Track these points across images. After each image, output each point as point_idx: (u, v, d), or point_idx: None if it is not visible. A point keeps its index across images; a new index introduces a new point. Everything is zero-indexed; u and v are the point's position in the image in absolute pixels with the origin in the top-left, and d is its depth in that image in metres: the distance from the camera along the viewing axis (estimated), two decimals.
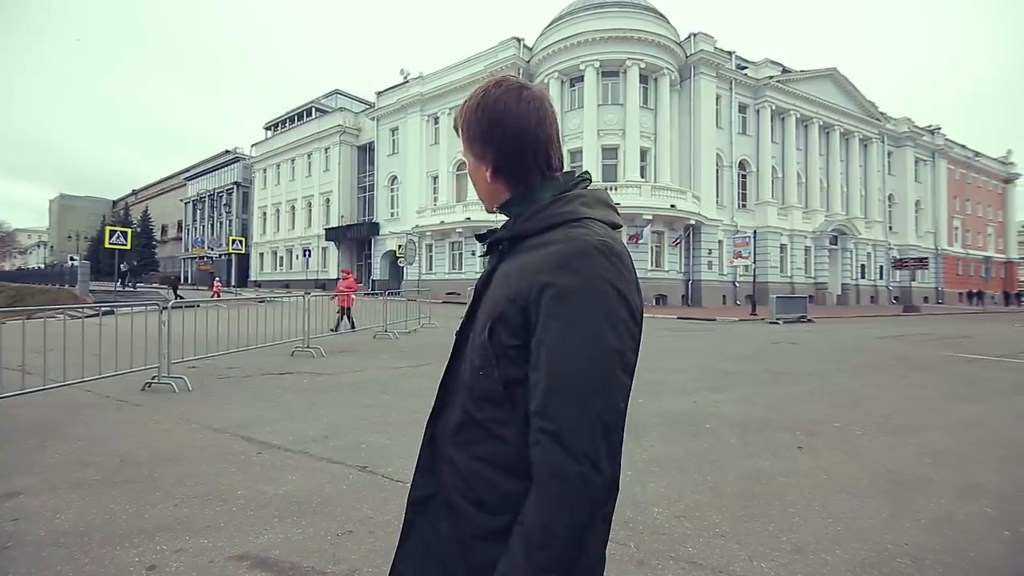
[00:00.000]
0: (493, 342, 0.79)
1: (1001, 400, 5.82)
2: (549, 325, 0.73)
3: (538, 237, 0.82)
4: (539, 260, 0.78)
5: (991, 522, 2.73)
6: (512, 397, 0.78)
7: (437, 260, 30.89)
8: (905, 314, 24.70)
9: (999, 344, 11.72)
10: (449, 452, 0.85)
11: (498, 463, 0.79)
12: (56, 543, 2.29)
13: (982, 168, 44.97)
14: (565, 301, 0.73)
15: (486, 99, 0.87)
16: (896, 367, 8.04)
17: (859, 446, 3.99)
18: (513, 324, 0.77)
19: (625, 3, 25.10)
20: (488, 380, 0.79)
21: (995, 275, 34.87)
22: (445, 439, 0.87)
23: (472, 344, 0.85)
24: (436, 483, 0.87)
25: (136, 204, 72.46)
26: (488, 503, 0.79)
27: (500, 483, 0.78)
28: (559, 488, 0.68)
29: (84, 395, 4.96)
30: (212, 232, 53.54)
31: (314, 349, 7.89)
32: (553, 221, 0.82)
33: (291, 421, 4.30)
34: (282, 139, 45.41)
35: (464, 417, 0.83)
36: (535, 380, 0.74)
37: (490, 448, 0.80)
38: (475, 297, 0.90)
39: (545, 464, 0.70)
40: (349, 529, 2.46)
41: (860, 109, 33.56)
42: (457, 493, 0.82)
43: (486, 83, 0.90)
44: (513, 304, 0.77)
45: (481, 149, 0.89)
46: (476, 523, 0.80)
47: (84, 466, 3.20)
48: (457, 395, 0.86)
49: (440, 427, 0.89)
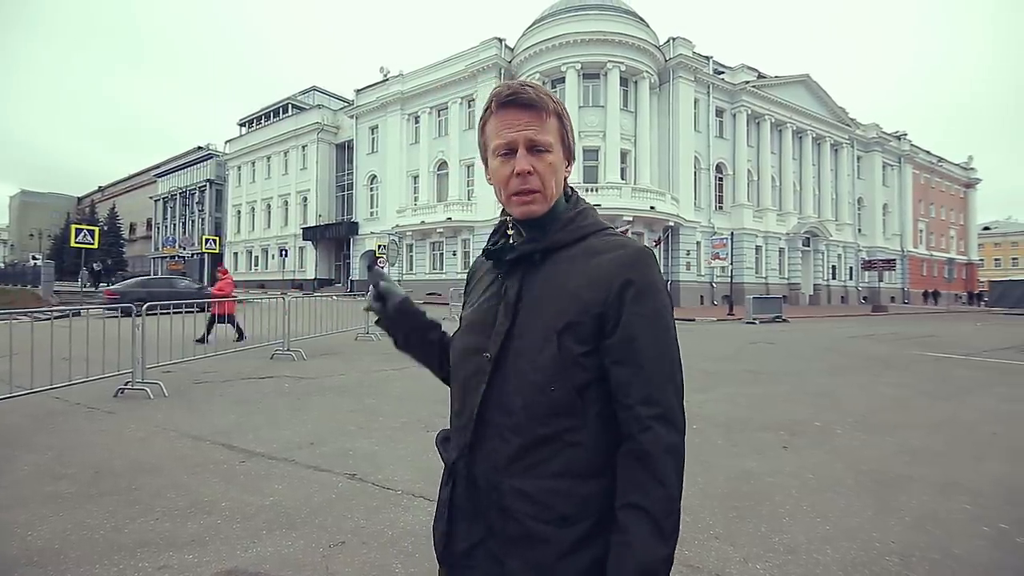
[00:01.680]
0: (563, 355, 0.78)
1: (970, 398, 6.05)
2: (635, 322, 0.79)
3: (574, 247, 0.84)
4: (607, 266, 0.81)
5: (971, 519, 2.82)
6: (584, 402, 0.79)
7: (418, 260, 30.64)
8: (874, 314, 25.53)
9: (963, 343, 12.20)
10: (509, 484, 0.80)
11: (576, 471, 0.79)
12: (30, 561, 2.17)
13: (945, 173, 46.82)
14: (645, 298, 0.80)
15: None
16: (869, 366, 8.29)
17: (840, 445, 4.09)
18: (584, 332, 0.79)
19: (606, 6, 25.32)
20: (560, 393, 0.79)
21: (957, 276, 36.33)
22: (496, 474, 0.81)
23: (527, 364, 0.80)
24: (483, 528, 0.82)
25: (103, 201, 69.80)
26: (570, 515, 0.78)
27: (578, 490, 0.79)
28: (673, 461, 0.77)
29: (53, 402, 4.74)
30: (184, 231, 51.99)
31: (295, 352, 7.72)
32: (587, 231, 0.86)
33: (274, 427, 4.18)
34: (258, 136, 44.38)
35: (523, 442, 0.79)
36: (626, 374, 0.79)
37: (566, 459, 0.79)
38: (510, 315, 0.83)
39: (659, 444, 0.77)
40: (341, 540, 2.40)
41: (831, 115, 34.57)
42: (532, 520, 0.78)
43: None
44: (586, 313, 0.79)
45: (570, 147, 0.89)
46: (561, 541, 0.78)
47: (56, 478, 3.05)
48: (501, 424, 0.81)
49: (482, 464, 0.82)
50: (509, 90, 0.84)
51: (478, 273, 1.00)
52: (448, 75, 29.25)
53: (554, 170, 0.84)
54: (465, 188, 29.19)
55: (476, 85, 28.05)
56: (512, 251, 0.86)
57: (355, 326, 10.62)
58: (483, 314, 0.88)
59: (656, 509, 0.75)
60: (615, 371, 0.79)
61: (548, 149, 0.83)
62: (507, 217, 0.93)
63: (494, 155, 0.86)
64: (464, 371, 0.88)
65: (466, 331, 0.91)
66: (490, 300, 0.88)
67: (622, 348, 0.79)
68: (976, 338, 13.60)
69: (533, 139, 0.82)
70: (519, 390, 0.80)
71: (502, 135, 0.84)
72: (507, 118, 0.84)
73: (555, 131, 0.85)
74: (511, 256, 0.86)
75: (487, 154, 0.89)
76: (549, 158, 0.84)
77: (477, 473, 0.83)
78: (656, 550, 0.74)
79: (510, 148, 0.83)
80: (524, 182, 0.83)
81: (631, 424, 0.78)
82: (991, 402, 5.80)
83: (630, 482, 0.77)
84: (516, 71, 27.08)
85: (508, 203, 0.87)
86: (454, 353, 0.94)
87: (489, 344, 0.83)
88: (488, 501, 0.81)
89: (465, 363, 0.88)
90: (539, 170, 0.83)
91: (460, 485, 0.85)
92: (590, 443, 0.80)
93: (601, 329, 0.79)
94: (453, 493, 0.86)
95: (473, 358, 0.86)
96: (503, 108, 0.84)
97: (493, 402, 0.82)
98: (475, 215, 27.76)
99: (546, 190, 0.84)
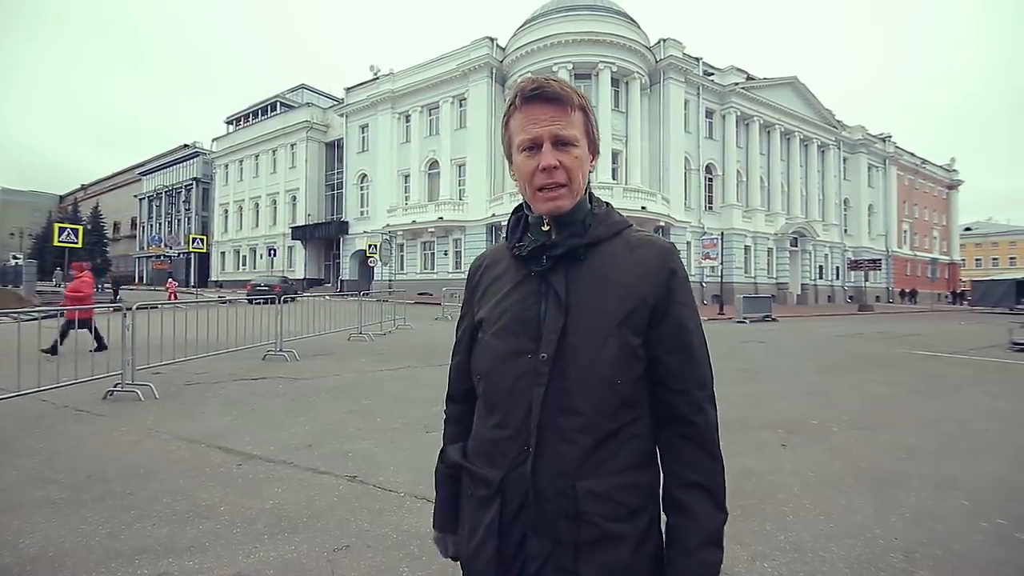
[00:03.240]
0: (625, 347, 0.79)
1: (958, 395, 6.15)
2: (680, 310, 0.84)
3: (609, 242, 0.86)
4: (652, 258, 0.84)
5: (969, 515, 2.85)
6: (643, 391, 0.83)
7: (409, 260, 30.47)
8: (860, 313, 25.92)
9: (948, 341, 12.42)
10: (581, 487, 0.77)
11: (637, 462, 0.82)
12: (23, 570, 2.10)
13: (928, 175, 47.68)
14: (685, 288, 0.85)
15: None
16: (859, 365, 8.40)
17: (837, 443, 4.13)
18: (639, 323, 0.81)
19: (597, 6, 25.40)
20: (626, 385, 0.80)
21: (940, 276, 37.03)
22: (565, 479, 0.78)
23: (589, 360, 0.78)
24: (549, 540, 0.78)
25: (85, 200, 68.56)
26: (637, 507, 0.80)
27: (640, 480, 0.81)
28: (717, 436, 0.84)
29: (40, 405, 4.61)
30: (170, 230, 51.21)
31: (287, 353, 7.62)
32: (621, 226, 0.89)
33: (271, 429, 4.12)
34: (245, 134, 43.82)
35: (592, 441, 0.78)
36: (677, 360, 0.83)
37: (630, 451, 0.81)
38: (563, 312, 0.80)
39: (711, 423, 0.84)
40: (345, 544, 2.36)
41: (818, 116, 35.03)
42: (607, 520, 0.77)
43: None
44: (643, 304, 0.81)
45: (594, 140, 0.89)
46: (634, 535, 0.79)
47: (47, 483, 2.96)
48: (565, 425, 0.78)
49: (548, 471, 0.78)
50: (533, 84, 0.83)
51: (491, 271, 0.95)
52: (439, 74, 29.11)
53: (580, 164, 0.84)
54: (456, 188, 29.09)
55: (467, 84, 27.96)
56: (555, 247, 0.83)
57: (348, 326, 10.52)
58: (521, 313, 0.84)
59: (713, 484, 0.81)
60: (666, 358, 0.82)
61: (574, 143, 0.82)
62: (525, 213, 0.91)
63: (518, 150, 0.85)
64: (505, 376, 0.83)
65: (502, 333, 0.85)
66: (528, 298, 0.84)
67: (673, 336, 0.83)
68: (961, 337, 13.85)
69: (558, 134, 0.81)
70: (584, 388, 0.78)
71: (527, 130, 0.82)
72: (532, 113, 0.82)
73: (580, 125, 0.84)
74: (556, 252, 0.83)
75: (511, 150, 0.87)
76: (575, 152, 0.83)
77: (541, 482, 0.78)
78: (718, 519, 0.80)
79: (535, 143, 0.82)
80: (550, 177, 0.82)
81: (684, 407, 0.82)
82: (980, 399, 5.90)
83: (686, 463, 0.82)
84: (508, 71, 27.05)
85: (533, 199, 0.85)
86: (486, 359, 0.88)
87: (542, 344, 0.80)
88: (556, 510, 0.78)
89: (507, 367, 0.83)
90: (565, 164, 0.82)
91: (514, 500, 0.80)
92: (648, 432, 0.84)
93: (651, 319, 0.82)
94: (503, 510, 0.81)
95: (518, 360, 0.82)
96: (527, 103, 0.83)
97: (552, 404, 0.79)
98: (466, 215, 27.67)
99: (572, 184, 0.83)
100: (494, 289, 0.91)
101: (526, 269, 0.87)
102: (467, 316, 0.99)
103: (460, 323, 1.02)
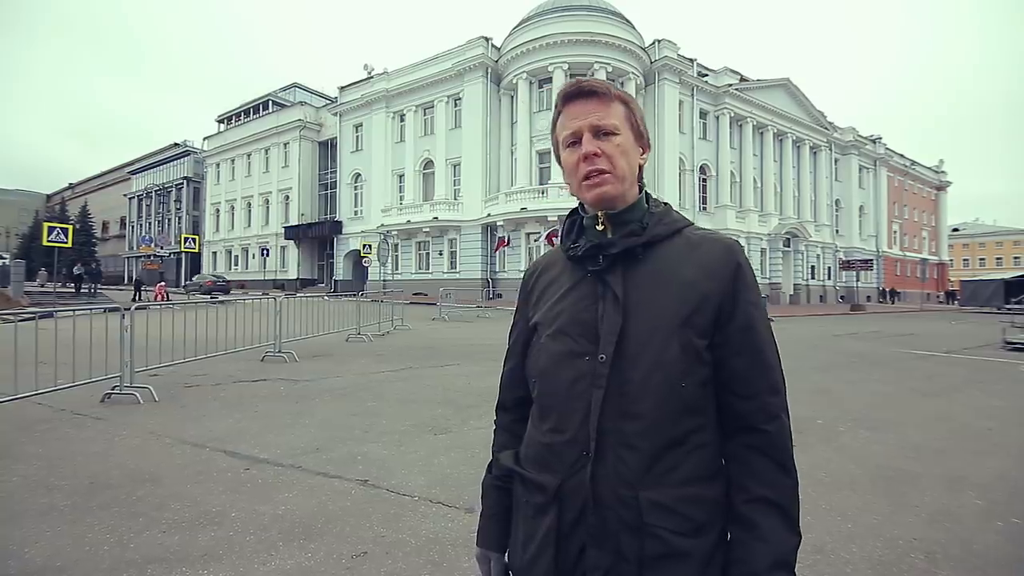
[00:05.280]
0: (688, 348, 0.76)
1: (958, 394, 6.20)
2: (749, 310, 0.80)
3: (669, 241, 0.83)
4: (716, 256, 0.81)
5: (983, 513, 2.86)
6: (708, 397, 0.79)
7: (403, 260, 30.34)
8: (853, 312, 26.15)
9: (942, 341, 12.56)
10: (645, 497, 0.73)
11: (702, 474, 0.77)
12: None
13: (917, 176, 48.29)
14: (752, 287, 0.82)
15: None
16: (858, 364, 8.46)
17: (846, 443, 4.14)
18: (703, 323, 0.77)
19: (593, 7, 25.43)
20: (690, 389, 0.76)
21: (930, 276, 37.44)
22: (628, 488, 0.74)
23: (650, 362, 0.75)
24: (610, 553, 0.74)
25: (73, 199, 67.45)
26: (704, 523, 0.75)
27: (707, 493, 0.77)
28: (791, 448, 0.79)
29: (36, 409, 4.50)
30: (160, 229, 50.59)
31: (286, 354, 7.53)
32: (680, 224, 0.86)
33: (276, 433, 4.04)
34: (237, 132, 43.42)
35: (654, 447, 0.74)
36: (746, 364, 0.78)
37: (696, 461, 0.76)
38: (621, 312, 0.77)
39: (785, 433, 0.79)
40: (363, 550, 2.31)
41: (810, 118, 35.34)
42: (673, 535, 0.73)
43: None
44: (707, 303, 0.78)
45: (641, 132, 0.86)
46: (701, 552, 0.74)
47: (50, 490, 2.88)
48: (626, 430, 0.75)
49: (609, 479, 0.75)
50: (572, 84, 0.85)
51: (545, 275, 0.92)
52: (434, 73, 29.02)
53: (623, 151, 0.82)
54: (451, 187, 29.01)
55: (462, 84, 27.89)
56: (612, 246, 0.81)
57: (345, 327, 10.42)
58: (578, 314, 0.81)
59: (785, 500, 0.76)
60: (734, 361, 0.78)
61: (614, 132, 0.82)
62: (580, 216, 0.89)
63: (564, 147, 0.86)
64: (561, 378, 0.80)
65: (558, 335, 0.83)
66: (584, 299, 0.82)
67: (742, 337, 0.79)
68: (954, 336, 14.01)
69: (597, 124, 0.81)
70: (645, 391, 0.75)
71: (568, 126, 0.84)
72: (573, 110, 0.84)
73: (621, 115, 0.83)
74: (615, 251, 0.81)
75: (559, 151, 0.88)
76: (616, 140, 0.82)
77: (602, 490, 0.75)
78: (790, 540, 0.75)
79: (576, 137, 0.82)
80: (591, 164, 0.81)
81: (755, 415, 0.78)
82: (979, 398, 5.96)
83: (754, 475, 0.77)
84: (503, 70, 27.03)
85: (580, 190, 0.84)
86: (542, 360, 0.85)
87: (600, 345, 0.77)
88: (618, 520, 0.74)
89: (563, 369, 0.80)
90: (606, 151, 0.81)
91: (573, 508, 0.76)
92: (714, 442, 0.79)
93: (717, 319, 0.78)
94: (561, 518, 0.77)
95: (574, 362, 0.79)
96: (568, 102, 0.85)
97: (612, 407, 0.76)
98: (461, 215, 27.60)
99: (616, 170, 0.81)
100: (550, 292, 0.89)
101: (582, 270, 0.84)
102: (521, 321, 0.96)
103: (513, 329, 0.99)
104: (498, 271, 27.01)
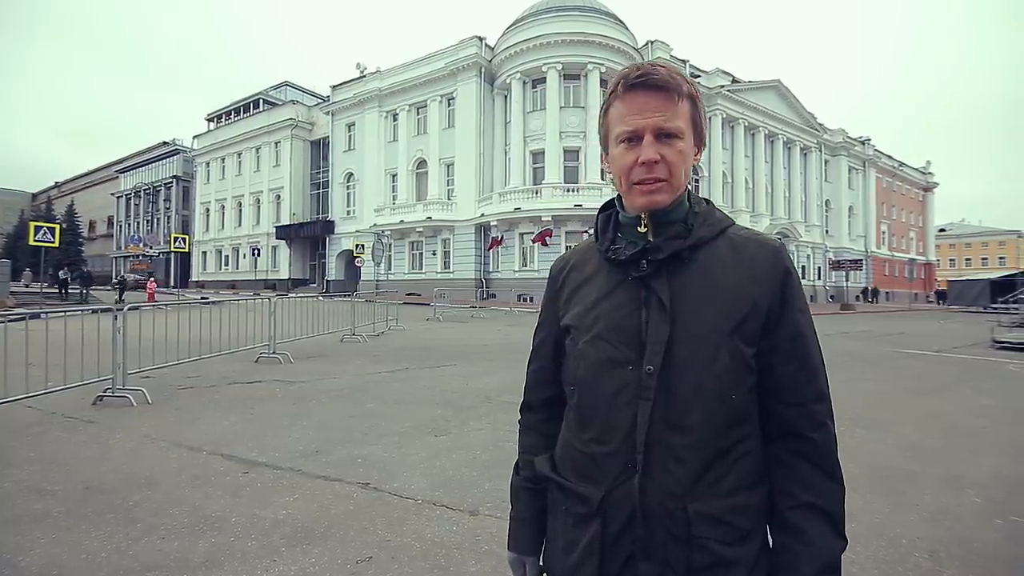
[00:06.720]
0: (737, 357, 0.74)
1: (950, 393, 6.28)
2: (797, 317, 0.78)
3: (713, 243, 0.80)
4: (764, 259, 0.78)
5: (982, 512, 2.89)
6: (754, 404, 0.78)
7: (397, 260, 30.20)
8: (843, 312, 26.43)
9: (932, 340, 12.72)
10: (693, 509, 0.72)
11: (750, 482, 0.76)
12: None
13: (905, 177, 48.93)
14: (799, 292, 0.80)
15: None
16: (851, 364, 8.53)
17: (843, 442, 4.03)
18: (751, 330, 0.76)
19: (586, 8, 25.49)
20: (739, 399, 0.75)
21: (918, 276, 37.95)
22: (676, 500, 0.72)
23: (699, 372, 0.73)
24: (657, 565, 0.73)
25: (60, 197, 66.51)
26: (750, 530, 0.75)
27: (752, 501, 0.76)
28: (837, 455, 0.79)
29: (26, 412, 4.41)
30: (149, 229, 49.98)
31: (281, 355, 7.45)
32: (723, 225, 0.82)
33: (273, 435, 3.99)
34: (228, 131, 42.99)
35: (704, 459, 0.73)
36: (793, 371, 0.77)
37: (741, 470, 0.75)
38: (668, 320, 0.74)
39: (831, 441, 0.78)
40: (368, 555, 2.28)
41: (801, 119, 35.69)
42: (720, 545, 0.72)
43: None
44: (756, 310, 0.76)
45: (701, 132, 0.82)
46: (747, 559, 0.74)
47: (44, 495, 2.82)
48: (675, 442, 0.73)
49: (657, 491, 0.73)
50: (639, 71, 0.77)
51: (576, 273, 0.88)
52: (427, 73, 28.92)
53: (684, 158, 0.77)
54: (445, 187, 28.94)
55: (456, 83, 27.83)
56: (657, 251, 0.77)
57: (340, 327, 10.34)
58: (619, 321, 0.78)
59: (832, 507, 0.76)
60: (781, 368, 0.77)
61: (679, 136, 0.76)
62: (615, 211, 0.85)
63: (616, 142, 0.79)
64: (604, 388, 0.77)
65: (596, 341, 0.79)
66: (625, 305, 0.78)
67: (791, 345, 0.78)
68: (943, 336, 14.20)
69: (662, 126, 0.75)
70: (694, 404, 0.73)
71: (627, 121, 0.76)
72: (635, 103, 0.76)
73: (687, 116, 0.77)
74: (659, 257, 0.76)
75: (608, 141, 0.82)
76: (679, 145, 0.76)
77: (650, 503, 0.73)
78: (837, 546, 0.74)
79: (635, 135, 0.76)
80: (649, 171, 0.75)
81: (800, 422, 0.77)
82: (972, 397, 6.03)
83: (801, 482, 0.76)
84: (497, 70, 26.99)
85: (629, 193, 0.79)
86: (581, 368, 0.81)
87: (646, 355, 0.74)
88: (665, 533, 0.72)
89: (604, 378, 0.77)
90: (668, 158, 0.75)
91: (618, 520, 0.75)
92: (758, 448, 0.79)
93: (764, 325, 0.77)
94: (605, 530, 0.75)
95: (617, 371, 0.76)
96: (631, 91, 0.77)
97: (660, 420, 0.73)
98: (455, 215, 27.54)
99: (673, 179, 0.77)
100: (583, 293, 0.85)
101: (622, 273, 0.80)
102: (549, 321, 0.93)
103: (539, 328, 0.96)
104: (492, 271, 26.97)
